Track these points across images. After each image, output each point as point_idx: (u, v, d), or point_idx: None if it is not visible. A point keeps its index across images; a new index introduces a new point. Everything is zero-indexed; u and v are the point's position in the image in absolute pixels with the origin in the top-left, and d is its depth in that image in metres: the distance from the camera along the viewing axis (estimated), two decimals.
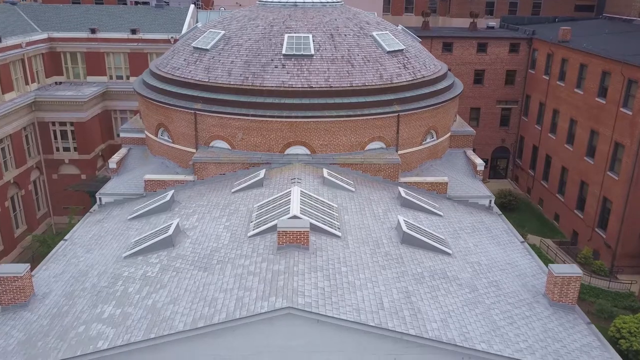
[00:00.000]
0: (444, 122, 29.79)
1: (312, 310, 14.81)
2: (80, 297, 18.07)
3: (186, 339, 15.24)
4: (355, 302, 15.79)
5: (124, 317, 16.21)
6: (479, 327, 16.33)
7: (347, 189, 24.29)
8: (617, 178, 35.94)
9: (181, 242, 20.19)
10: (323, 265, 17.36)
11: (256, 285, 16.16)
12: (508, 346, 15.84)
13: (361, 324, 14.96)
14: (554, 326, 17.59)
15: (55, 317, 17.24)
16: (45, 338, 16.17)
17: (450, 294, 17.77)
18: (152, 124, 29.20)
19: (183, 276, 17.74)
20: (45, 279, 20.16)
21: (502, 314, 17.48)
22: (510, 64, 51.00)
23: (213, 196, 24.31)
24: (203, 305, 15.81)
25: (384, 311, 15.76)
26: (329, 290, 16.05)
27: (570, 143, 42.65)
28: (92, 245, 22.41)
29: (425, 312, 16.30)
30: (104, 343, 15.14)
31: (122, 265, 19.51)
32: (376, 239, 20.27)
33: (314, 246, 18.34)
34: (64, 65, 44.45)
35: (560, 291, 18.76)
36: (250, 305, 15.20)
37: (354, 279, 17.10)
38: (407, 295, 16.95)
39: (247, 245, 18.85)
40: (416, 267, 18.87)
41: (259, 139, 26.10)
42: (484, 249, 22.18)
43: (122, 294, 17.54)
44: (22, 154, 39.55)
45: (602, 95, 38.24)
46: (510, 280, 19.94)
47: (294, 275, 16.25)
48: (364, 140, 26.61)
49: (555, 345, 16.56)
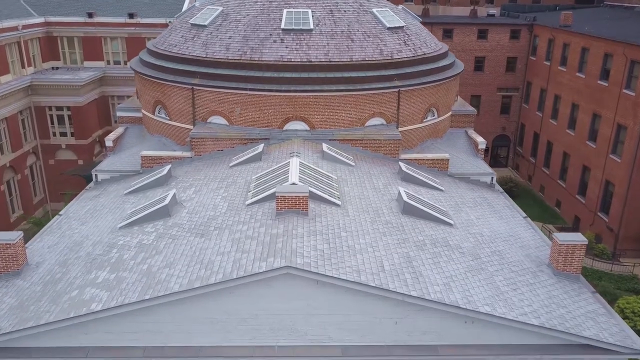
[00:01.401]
0: (445, 100, 29.40)
1: (311, 270, 14.41)
2: (74, 265, 17.66)
3: (182, 300, 14.84)
4: (356, 264, 15.39)
5: (118, 281, 15.81)
6: (482, 292, 15.94)
7: (347, 163, 23.90)
8: (619, 160, 35.57)
9: (178, 212, 19.78)
10: (322, 230, 16.97)
11: (254, 247, 15.76)
12: (512, 310, 15.45)
13: (362, 284, 14.57)
14: (559, 293, 17.19)
15: (48, 283, 16.83)
16: (38, 303, 15.76)
17: (452, 260, 17.38)
18: (149, 102, 28.79)
19: (179, 242, 17.34)
20: (39, 250, 19.73)
21: (505, 280, 17.09)
22: (511, 51, 50.62)
23: (210, 171, 23.90)
24: (199, 267, 15.42)
25: (385, 273, 15.36)
26: (328, 252, 15.66)
27: (572, 128, 42.28)
28: (87, 218, 21.99)
29: (427, 276, 15.90)
30: (97, 305, 14.74)
31: (118, 235, 19.10)
32: (376, 208, 19.87)
33: (313, 213, 17.94)
34: (60, 50, 44.05)
35: (565, 260, 18.35)
36: (247, 266, 14.81)
37: (354, 243, 16.70)
38: (409, 260, 16.56)
39: (245, 213, 18.46)
40: (417, 235, 18.47)
41: (257, 114, 25.70)
42: (486, 221, 21.78)
43: (116, 260, 17.14)
44: (18, 138, 39.13)
45: (604, 78, 37.87)
46: (513, 251, 19.54)
47: (293, 238, 15.85)
48: (364, 116, 26.21)
49: (560, 310, 16.16)
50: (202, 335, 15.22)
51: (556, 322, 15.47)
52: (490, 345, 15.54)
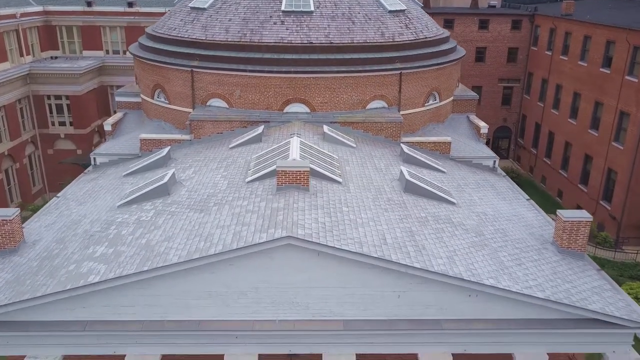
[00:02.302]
0: (446, 84, 29.14)
1: (312, 240, 14.15)
2: (72, 242, 17.39)
3: (181, 273, 14.58)
4: (357, 237, 15.14)
5: (116, 255, 15.55)
6: (486, 266, 15.68)
7: (348, 144, 23.64)
8: (622, 148, 35.32)
9: (177, 191, 19.52)
10: (323, 204, 16.71)
11: (254, 220, 15.51)
12: (517, 283, 15.19)
13: (364, 255, 14.31)
14: (564, 269, 16.93)
15: (45, 259, 16.57)
16: (34, 277, 15.50)
17: (455, 236, 17.12)
18: (148, 86, 28.53)
19: (178, 218, 17.08)
20: (36, 229, 19.47)
21: (509, 256, 16.82)
22: (512, 41, 50.35)
23: (210, 152, 23.64)
24: (199, 240, 15.16)
25: (387, 246, 15.10)
26: (329, 225, 15.40)
27: (573, 117, 42.02)
28: (85, 199, 21.73)
29: (430, 250, 15.65)
30: (95, 277, 14.48)
31: (116, 213, 18.83)
32: (378, 187, 19.61)
33: (314, 189, 17.69)
34: (59, 39, 43.78)
35: (570, 237, 18.08)
36: (248, 237, 14.55)
37: (355, 217, 16.44)
38: (411, 235, 16.30)
39: (245, 189, 18.20)
40: (420, 212, 18.21)
41: (257, 96, 25.43)
42: (489, 202, 21.52)
43: (114, 236, 16.88)
44: (17, 126, 38.87)
45: (606, 66, 37.62)
46: (517, 229, 19.28)
47: (294, 211, 15.60)
48: (366, 98, 25.95)
49: (565, 285, 15.90)
50: (201, 309, 14.95)
51: (562, 295, 15.22)
52: (495, 320, 15.28)
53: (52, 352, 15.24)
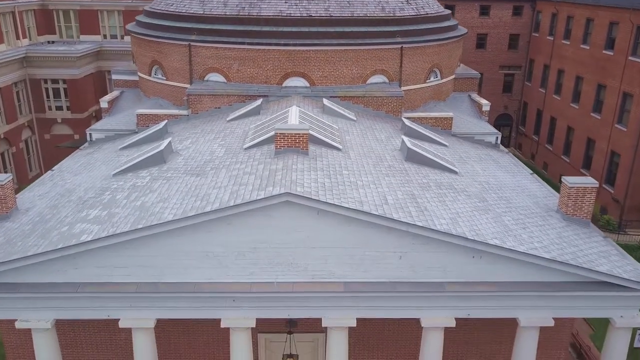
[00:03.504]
0: (448, 61, 28.71)
1: (311, 197, 13.72)
2: (65, 207, 16.97)
3: (176, 232, 14.15)
4: (358, 197, 14.71)
5: (110, 216, 15.12)
6: (490, 228, 15.26)
7: (349, 117, 23.23)
8: (625, 130, 34.89)
9: (173, 159, 19.09)
10: (323, 167, 16.29)
11: (252, 180, 15.08)
12: (522, 244, 14.76)
13: (364, 213, 13.88)
14: (569, 235, 16.52)
15: (38, 223, 16.15)
16: (26, 239, 15.07)
17: (458, 200, 16.70)
18: (146, 63, 28.09)
19: (174, 182, 16.66)
20: (30, 198, 19.06)
21: (514, 220, 16.40)
22: (514, 28, 49.86)
23: (208, 126, 23.22)
24: (195, 200, 14.74)
25: (389, 206, 14.68)
26: (329, 185, 14.98)
27: (576, 101, 41.58)
28: (80, 170, 21.31)
29: (433, 211, 15.22)
30: (87, 237, 14.04)
31: (111, 181, 18.40)
32: (379, 155, 19.20)
33: (314, 153, 17.27)
34: (56, 23, 43.31)
35: (575, 204, 17.66)
36: (245, 195, 14.11)
37: (355, 180, 16.02)
38: (413, 197, 15.88)
39: (243, 155, 17.78)
40: (422, 179, 17.79)
41: (255, 70, 25.01)
42: (492, 173, 21.10)
43: (109, 200, 16.45)
44: (13, 109, 38.40)
45: (609, 47, 37.18)
46: (521, 198, 18.86)
47: (293, 172, 15.17)
48: (366, 72, 25.52)
49: (571, 248, 15.49)
50: (197, 271, 14.52)
51: (568, 257, 14.80)
52: (499, 283, 14.86)
53: (43, 316, 14.81)
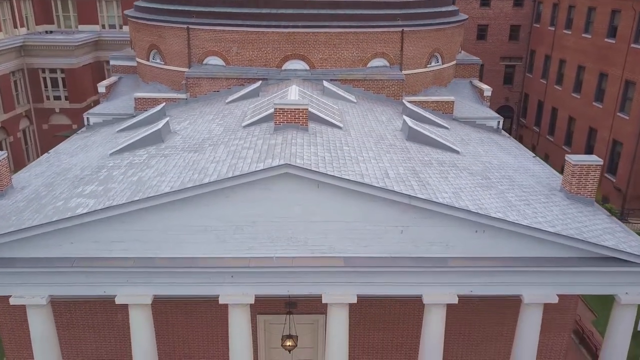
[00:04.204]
0: (449, 47, 28.43)
1: (311, 169, 13.44)
2: (61, 185, 16.70)
3: (173, 205, 13.86)
4: (359, 170, 14.43)
5: (106, 191, 14.84)
6: (493, 203, 14.98)
7: (349, 99, 22.95)
8: (627, 118, 34.62)
9: (171, 138, 18.82)
10: (323, 143, 16.02)
11: (251, 154, 14.80)
12: (526, 219, 14.49)
13: (366, 185, 13.60)
14: (573, 212, 16.25)
15: (33, 200, 15.88)
16: (20, 214, 14.80)
17: (460, 177, 16.42)
18: (144, 48, 27.81)
19: (172, 158, 16.38)
20: (25, 178, 18.80)
21: (517, 197, 16.13)
22: (515, 19, 49.57)
23: (206, 108, 22.95)
24: (192, 173, 14.46)
25: (390, 179, 14.41)
26: (329, 159, 14.70)
27: (577, 91, 41.31)
28: (77, 152, 21.06)
29: (435, 186, 14.95)
30: (82, 210, 13.76)
31: (108, 160, 18.13)
32: (380, 134, 18.93)
33: (314, 130, 16.98)
34: (54, 13, 43.00)
35: (579, 182, 17.40)
36: (244, 168, 13.84)
37: (356, 155, 15.75)
38: (415, 173, 15.61)
39: (241, 132, 17.50)
40: (423, 157, 17.52)
41: (254, 53, 24.72)
42: (494, 154, 20.84)
43: (105, 177, 16.17)
44: (11, 98, 38.10)
45: (611, 36, 36.92)
46: (524, 178, 18.59)
47: (292, 146, 14.89)
48: (366, 56, 25.24)
49: (576, 224, 15.22)
50: (195, 246, 14.24)
51: (573, 232, 14.53)
52: (502, 258, 14.58)
53: (38, 292, 14.53)
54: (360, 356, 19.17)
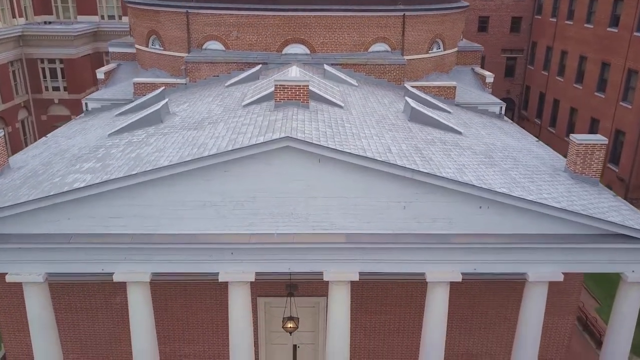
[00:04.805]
0: (451, 33, 28.18)
1: (312, 142, 13.19)
2: (59, 163, 16.47)
3: (172, 180, 13.62)
4: (361, 146, 14.18)
5: (104, 167, 14.60)
6: (497, 179, 14.74)
7: (350, 83, 22.71)
8: (630, 107, 34.38)
9: (170, 119, 18.58)
10: (325, 120, 15.77)
11: (251, 130, 14.55)
12: (531, 194, 14.24)
13: (368, 159, 13.35)
14: (578, 191, 16.01)
15: (30, 177, 15.65)
16: (17, 190, 14.56)
17: (464, 155, 16.18)
18: (143, 34, 27.56)
19: (171, 136, 16.13)
20: (22, 159, 18.59)
21: (521, 175, 15.89)
22: (516, 10, 49.33)
23: (206, 91, 22.70)
24: (192, 148, 14.21)
25: (392, 154, 14.16)
26: (331, 134, 14.46)
27: (579, 82, 41.08)
28: (75, 135, 20.82)
29: (438, 162, 14.71)
30: (80, 185, 13.52)
31: (106, 140, 17.89)
32: (382, 115, 18.69)
33: (315, 108, 16.73)
34: (53, 4, 42.77)
35: (583, 161, 17.17)
36: (244, 142, 13.58)
37: (358, 132, 15.51)
38: (418, 150, 15.37)
39: (241, 111, 17.24)
40: (426, 136, 17.28)
41: (254, 37, 24.47)
42: (497, 137, 20.61)
43: (104, 155, 15.93)
44: (9, 89, 37.85)
45: (614, 25, 36.67)
46: (527, 158, 18.36)
47: (293, 121, 14.64)
48: (368, 40, 24.99)
49: (581, 201, 14.98)
50: (194, 221, 13.99)
51: (578, 209, 14.28)
52: (507, 235, 14.33)
53: (35, 270, 14.30)
54: (362, 340, 18.93)
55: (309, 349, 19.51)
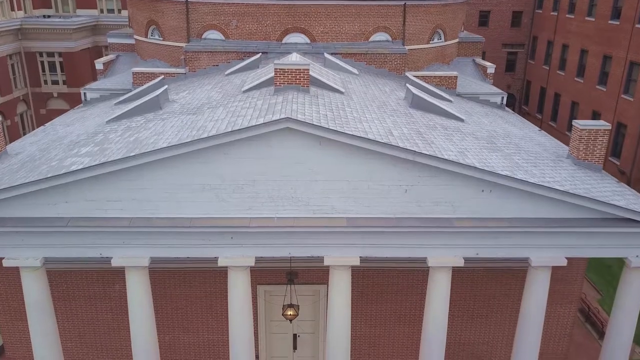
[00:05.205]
0: (452, 23, 28.01)
1: (313, 123, 13.02)
2: (56, 149, 16.30)
3: (171, 162, 13.44)
4: (362, 128, 14.01)
5: (102, 150, 14.42)
6: (500, 163, 14.57)
7: (351, 71, 22.54)
8: (632, 99, 34.20)
9: (169, 106, 18.41)
10: (325, 103, 15.59)
11: (251, 112, 14.38)
12: (534, 178, 14.07)
13: (369, 141, 13.17)
14: (582, 176, 15.85)
15: (27, 162, 15.48)
16: (14, 174, 14.39)
17: (465, 140, 16.01)
18: (142, 24, 27.38)
19: (169, 121, 15.96)
20: (20, 145, 18.41)
21: (524, 160, 15.72)
22: (517, 5, 49.14)
23: (205, 80, 22.53)
24: (191, 130, 14.04)
25: (394, 137, 13.99)
26: (332, 117, 14.28)
27: (580, 75, 40.91)
28: (73, 122, 20.65)
29: (440, 145, 14.54)
30: (77, 167, 13.35)
31: (105, 127, 17.72)
32: (383, 101, 18.51)
33: (315, 93, 16.56)
34: None
35: (587, 147, 17.01)
36: (244, 123, 13.41)
37: (359, 115, 15.33)
38: (419, 133, 15.19)
39: (241, 96, 17.07)
40: (427, 122, 17.11)
41: (254, 26, 24.30)
42: (499, 125, 20.44)
43: (102, 139, 15.76)
44: (8, 82, 37.69)
45: (615, 17, 36.50)
46: (530, 145, 18.18)
47: (294, 104, 14.47)
48: (368, 29, 24.81)
49: (584, 186, 14.82)
50: (194, 205, 13.82)
51: (581, 192, 14.11)
52: (510, 219, 14.16)
53: (32, 254, 14.12)
54: (363, 329, 18.77)
55: (309, 339, 19.35)
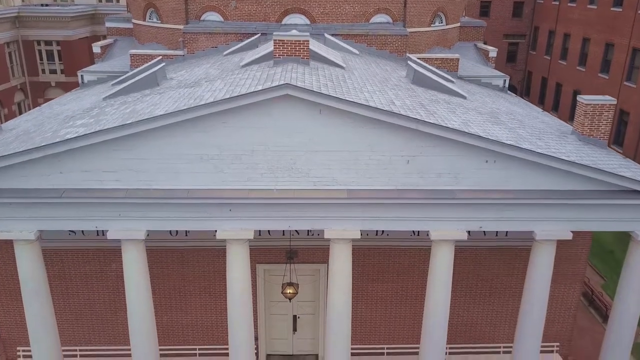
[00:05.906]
0: (453, 7, 27.70)
1: (313, 90, 12.71)
2: (52, 123, 15.99)
3: (168, 131, 13.11)
4: (363, 97, 13.70)
5: (97, 122, 14.11)
6: (504, 134, 14.26)
7: (352, 51, 22.23)
8: (634, 86, 33.94)
9: (167, 82, 18.10)
10: (325, 75, 15.27)
11: (249, 82, 14.07)
12: (539, 148, 13.77)
13: (371, 109, 12.85)
14: (587, 150, 15.53)
15: (22, 135, 15.16)
16: (6, 146, 14.07)
17: (469, 114, 15.70)
18: (140, 7, 27.07)
19: (167, 94, 15.64)
20: (15, 123, 18.11)
21: (528, 134, 15.41)
22: None
23: (203, 61, 22.21)
24: (188, 100, 13.73)
25: (396, 107, 13.67)
26: (332, 86, 13.97)
27: (582, 64, 40.65)
28: (69, 102, 20.35)
29: (443, 116, 14.22)
30: (71, 136, 13.03)
31: (101, 103, 17.40)
32: (384, 77, 18.20)
33: (315, 66, 16.24)
34: None
35: (591, 123, 16.68)
36: (242, 91, 13.09)
37: (360, 87, 15.02)
38: (422, 105, 14.89)
39: (239, 70, 16.74)
40: (430, 97, 16.80)
41: (253, 6, 23.98)
42: (502, 104, 20.15)
43: (97, 113, 15.45)
44: (5, 70, 37.38)
45: (617, 4, 36.23)
46: (534, 122, 17.89)
47: (293, 73, 14.16)
48: (369, 11, 24.49)
49: (590, 158, 14.50)
50: (191, 176, 13.51)
51: (589, 163, 13.81)
52: (514, 190, 13.86)
53: (26, 227, 13.81)
54: (364, 309, 18.48)
55: (310, 320, 19.06)
